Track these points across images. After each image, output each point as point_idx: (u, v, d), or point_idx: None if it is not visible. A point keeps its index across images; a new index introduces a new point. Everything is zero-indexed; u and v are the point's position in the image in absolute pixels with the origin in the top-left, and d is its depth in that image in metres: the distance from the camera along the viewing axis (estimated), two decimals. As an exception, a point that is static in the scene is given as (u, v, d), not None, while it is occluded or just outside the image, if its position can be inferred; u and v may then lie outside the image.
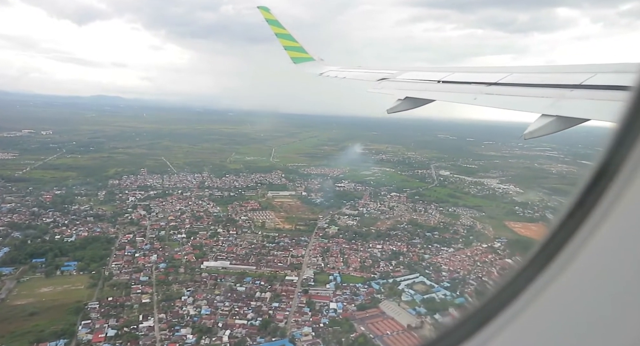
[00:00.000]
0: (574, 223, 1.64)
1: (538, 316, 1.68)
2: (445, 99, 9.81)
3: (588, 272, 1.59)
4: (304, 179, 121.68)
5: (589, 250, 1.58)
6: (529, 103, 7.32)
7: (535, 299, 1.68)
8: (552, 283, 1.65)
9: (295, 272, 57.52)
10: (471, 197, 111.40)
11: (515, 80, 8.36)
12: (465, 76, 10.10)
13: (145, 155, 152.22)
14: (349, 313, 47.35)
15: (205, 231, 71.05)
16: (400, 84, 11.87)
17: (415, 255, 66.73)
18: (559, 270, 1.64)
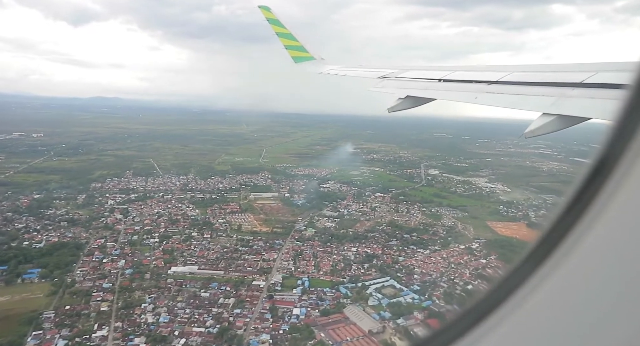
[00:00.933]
0: (567, 222, 1.64)
1: (530, 316, 1.69)
2: (447, 98, 9.83)
3: (580, 272, 1.61)
4: (289, 180, 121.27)
5: (582, 249, 1.60)
6: (530, 101, 7.34)
7: (527, 299, 1.68)
8: (543, 283, 1.65)
9: (263, 277, 57.04)
10: (457, 197, 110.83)
11: (516, 78, 8.38)
12: (466, 75, 10.11)
13: (134, 157, 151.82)
14: (311, 319, 46.88)
15: (179, 235, 70.63)
16: (401, 83, 11.88)
17: (389, 257, 66.23)
18: (551, 270, 1.64)
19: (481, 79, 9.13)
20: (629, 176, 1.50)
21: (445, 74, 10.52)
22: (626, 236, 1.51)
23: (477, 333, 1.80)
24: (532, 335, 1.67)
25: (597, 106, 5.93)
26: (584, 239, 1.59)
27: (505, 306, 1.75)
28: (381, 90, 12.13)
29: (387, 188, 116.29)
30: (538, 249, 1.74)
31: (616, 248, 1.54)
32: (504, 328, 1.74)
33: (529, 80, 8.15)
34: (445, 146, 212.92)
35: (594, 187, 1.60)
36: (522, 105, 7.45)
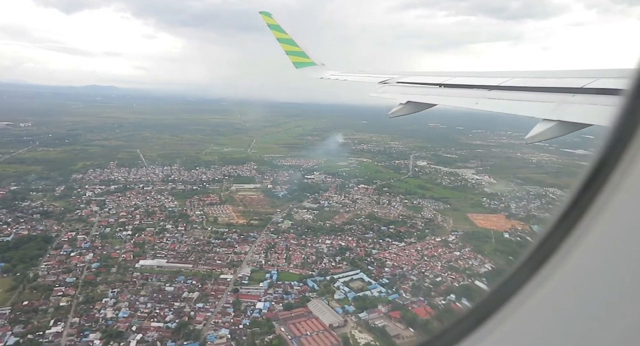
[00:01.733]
0: (566, 225, 1.68)
1: (529, 317, 1.72)
2: (447, 103, 10.01)
3: (579, 274, 1.64)
4: (275, 171, 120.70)
5: (581, 250, 1.63)
6: (531, 107, 7.36)
7: (526, 300, 1.72)
8: (543, 285, 1.69)
9: (232, 270, 56.77)
10: (441, 189, 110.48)
11: (517, 84, 8.43)
12: (466, 80, 10.16)
13: (121, 147, 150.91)
14: (273, 314, 46.68)
15: (153, 227, 70.22)
16: (401, 88, 11.99)
17: (363, 250, 66.02)
18: (550, 271, 1.68)
19: (482, 84, 9.21)
20: (626, 178, 1.51)
21: (445, 79, 10.55)
22: (624, 238, 1.52)
23: (478, 334, 1.81)
24: (532, 335, 1.69)
25: (598, 112, 5.84)
26: (583, 241, 1.60)
27: (505, 307, 1.76)
28: (382, 95, 12.31)
29: (372, 180, 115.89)
30: (537, 251, 1.75)
31: (614, 250, 1.55)
32: (505, 328, 1.75)
33: (529, 85, 8.18)
34: (437, 137, 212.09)
35: (592, 190, 1.61)
36: (522, 111, 7.50)
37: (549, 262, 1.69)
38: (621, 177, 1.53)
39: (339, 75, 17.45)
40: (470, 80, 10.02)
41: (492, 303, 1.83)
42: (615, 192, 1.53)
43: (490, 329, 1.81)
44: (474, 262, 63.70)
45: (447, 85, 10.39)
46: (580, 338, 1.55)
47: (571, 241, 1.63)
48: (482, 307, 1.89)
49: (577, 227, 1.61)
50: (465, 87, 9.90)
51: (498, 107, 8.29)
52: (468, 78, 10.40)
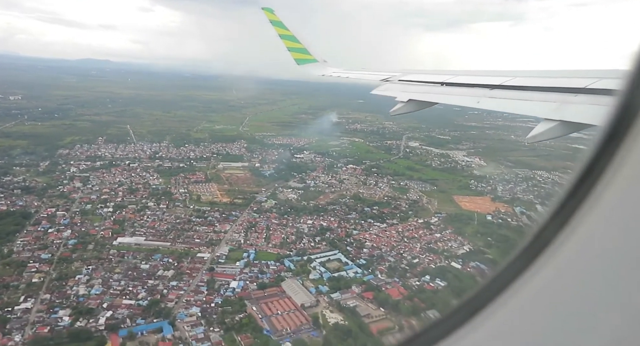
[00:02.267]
0: (555, 224, 1.70)
1: (522, 310, 1.76)
2: (449, 102, 10.23)
3: (571, 268, 1.66)
4: (264, 150, 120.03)
5: (574, 245, 1.65)
6: (533, 107, 7.43)
7: (513, 298, 1.74)
8: (535, 278, 1.71)
9: (210, 249, 56.90)
10: (430, 170, 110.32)
11: (518, 83, 8.49)
12: (468, 79, 10.21)
13: (111, 122, 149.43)
14: (246, 293, 46.98)
15: (135, 205, 70.02)
16: (403, 86, 12.03)
17: (343, 231, 66.18)
18: (542, 265, 1.71)
19: (483, 83, 9.23)
20: (619, 174, 1.54)
21: (447, 78, 10.66)
22: (616, 233, 1.54)
23: (469, 327, 1.81)
24: (524, 327, 1.72)
25: (600, 113, 6.12)
26: (575, 235, 1.63)
27: (499, 299, 1.77)
28: (383, 93, 12.39)
29: (362, 160, 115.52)
30: (530, 245, 1.76)
31: (606, 244, 1.57)
32: (498, 320, 1.76)
33: (531, 85, 8.21)
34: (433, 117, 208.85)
35: (585, 185, 1.63)
36: (524, 110, 7.63)
37: (541, 256, 1.69)
38: (614, 173, 1.54)
39: (341, 72, 17.67)
40: (471, 79, 10.01)
41: (485, 295, 1.81)
42: (608, 188, 1.55)
43: (482, 321, 1.79)
44: (453, 244, 63.99)
45: (449, 83, 10.45)
46: (574, 331, 1.57)
47: (564, 235, 1.65)
48: (474, 299, 1.87)
49: (570, 221, 1.62)
50: (466, 86, 9.92)
51: (499, 106, 8.38)
52: (470, 77, 10.40)
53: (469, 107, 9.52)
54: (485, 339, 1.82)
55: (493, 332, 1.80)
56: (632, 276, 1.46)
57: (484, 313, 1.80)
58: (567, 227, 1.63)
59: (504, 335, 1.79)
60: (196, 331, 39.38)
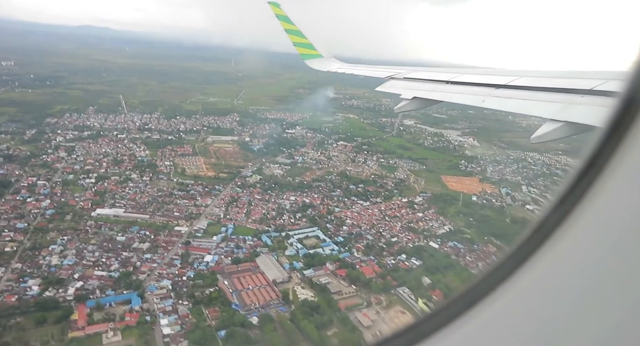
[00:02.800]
0: (558, 216, 1.71)
1: (518, 304, 1.77)
2: (453, 100, 10.29)
3: (566, 266, 1.69)
4: (256, 124, 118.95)
5: (571, 241, 1.67)
6: (538, 107, 7.38)
7: (513, 289, 1.76)
8: (530, 274, 1.73)
9: (188, 223, 57.00)
10: (422, 149, 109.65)
11: (524, 83, 8.48)
12: (473, 78, 10.19)
13: (104, 92, 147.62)
14: (219, 267, 47.28)
15: (119, 176, 69.83)
16: (408, 83, 12.07)
17: (325, 208, 66.15)
18: (537, 263, 1.73)
19: (489, 82, 9.23)
20: (618, 173, 1.55)
21: (452, 76, 10.62)
22: (611, 233, 1.55)
23: (462, 320, 1.83)
24: (519, 320, 1.73)
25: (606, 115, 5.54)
26: (573, 232, 1.65)
27: (490, 296, 1.79)
28: (388, 90, 12.46)
29: (354, 137, 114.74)
30: (527, 241, 1.77)
31: (603, 241, 1.59)
32: (491, 313, 1.78)
33: (537, 85, 8.18)
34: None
35: (582, 185, 1.64)
36: (529, 111, 7.61)
37: (540, 250, 1.71)
38: (613, 172, 1.56)
39: (346, 68, 17.76)
40: (477, 78, 9.97)
41: (483, 287, 1.82)
42: (606, 185, 1.57)
43: (478, 313, 1.81)
44: (434, 224, 64.10)
45: (454, 82, 10.42)
46: (572, 325, 1.59)
47: (562, 230, 1.66)
48: (472, 291, 1.87)
49: (569, 217, 1.64)
50: (472, 84, 9.87)
51: (505, 105, 8.33)
52: (475, 75, 10.35)
53: (473, 106, 9.51)
54: (479, 331, 1.80)
55: (488, 324, 1.78)
56: (631, 272, 1.48)
57: (481, 305, 1.79)
58: (565, 222, 1.64)
59: (500, 326, 1.79)
60: (165, 304, 39.83)
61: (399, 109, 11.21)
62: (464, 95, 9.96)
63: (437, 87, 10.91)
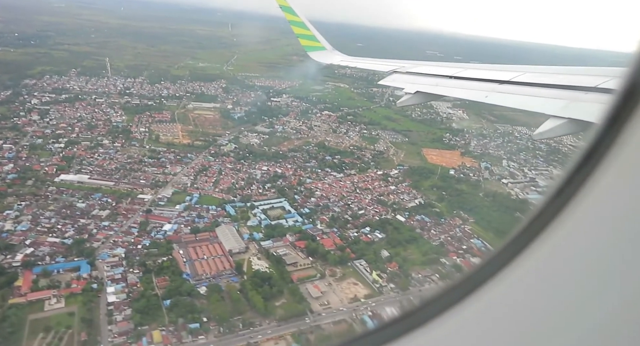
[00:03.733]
0: (554, 208, 1.72)
1: (513, 294, 1.79)
2: (457, 95, 10.37)
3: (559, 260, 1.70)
4: (242, 91, 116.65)
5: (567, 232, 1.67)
6: (542, 104, 7.39)
7: (508, 279, 1.78)
8: (523, 265, 1.74)
9: (154, 191, 56.55)
10: (409, 121, 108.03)
11: (528, 79, 8.42)
12: (477, 73, 10.20)
13: (90, 54, 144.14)
14: (177, 236, 47.13)
15: (89, 142, 68.88)
16: (411, 78, 12.05)
17: (297, 179, 65.47)
18: (528, 257, 1.74)
19: (493, 77, 9.20)
20: (611, 169, 1.55)
21: (456, 71, 10.58)
22: (605, 228, 1.56)
23: (454, 311, 1.83)
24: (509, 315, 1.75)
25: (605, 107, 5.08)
26: (561, 231, 1.65)
27: (484, 286, 1.79)
28: (392, 83, 12.59)
29: (340, 107, 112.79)
30: (521, 233, 1.76)
31: (593, 240, 1.60)
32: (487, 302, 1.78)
33: (541, 81, 8.18)
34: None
35: (577, 180, 1.64)
36: (533, 107, 7.54)
37: (531, 246, 1.71)
38: (609, 165, 1.56)
39: (349, 61, 17.76)
40: (481, 74, 10.00)
41: (474, 280, 1.83)
42: (600, 181, 1.57)
43: (470, 304, 1.82)
44: (405, 197, 63.63)
45: (458, 77, 10.35)
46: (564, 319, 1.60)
47: (556, 223, 1.66)
48: (462, 284, 1.89)
49: (562, 212, 1.64)
50: (476, 80, 9.84)
51: (508, 101, 8.32)
52: (479, 71, 10.37)
53: (477, 101, 9.40)
54: (472, 321, 1.81)
55: (481, 314, 1.79)
56: (626, 264, 1.51)
57: (474, 296, 1.80)
58: (561, 215, 1.64)
59: (493, 317, 1.80)
60: (114, 272, 39.89)
61: (402, 103, 11.17)
62: (467, 90, 9.86)
63: (440, 81, 10.86)
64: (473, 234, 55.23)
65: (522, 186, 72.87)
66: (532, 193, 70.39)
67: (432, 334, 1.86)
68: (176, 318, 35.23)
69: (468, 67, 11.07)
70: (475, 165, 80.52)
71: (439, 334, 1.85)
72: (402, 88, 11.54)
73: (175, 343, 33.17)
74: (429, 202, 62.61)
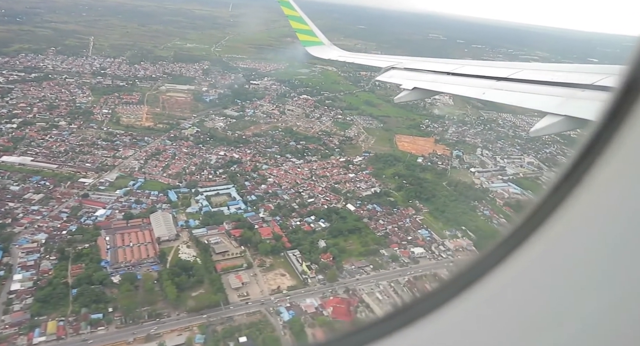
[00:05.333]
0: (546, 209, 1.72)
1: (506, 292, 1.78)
2: (454, 92, 10.37)
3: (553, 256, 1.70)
4: (222, 74, 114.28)
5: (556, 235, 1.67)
6: (538, 101, 7.46)
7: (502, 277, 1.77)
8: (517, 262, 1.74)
9: (98, 175, 55.32)
10: (390, 106, 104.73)
11: (526, 76, 8.48)
12: (475, 69, 10.17)
13: (75, 32, 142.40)
14: (107, 222, 45.95)
15: (46, 123, 67.61)
16: (409, 74, 12.03)
17: (252, 165, 63.78)
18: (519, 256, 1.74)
19: (490, 74, 9.25)
20: (609, 165, 1.54)
21: (454, 68, 10.58)
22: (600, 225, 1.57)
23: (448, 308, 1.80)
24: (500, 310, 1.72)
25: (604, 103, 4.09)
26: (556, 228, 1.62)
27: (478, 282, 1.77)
28: (389, 79, 12.58)
29: (321, 91, 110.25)
30: (519, 227, 1.74)
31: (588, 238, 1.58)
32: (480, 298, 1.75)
33: (538, 79, 8.24)
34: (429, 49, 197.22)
35: (572, 179, 1.63)
36: (529, 104, 7.67)
37: (528, 241, 1.68)
38: (606, 162, 1.54)
39: (347, 56, 17.67)
40: (479, 70, 9.96)
41: (470, 275, 1.80)
42: (598, 178, 1.55)
43: (464, 300, 1.78)
44: (362, 185, 61.80)
45: (456, 74, 10.35)
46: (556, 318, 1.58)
47: (553, 220, 1.64)
48: (458, 280, 1.85)
49: (562, 207, 1.61)
50: (473, 76, 9.83)
51: (505, 98, 8.33)
52: (477, 67, 10.33)
53: (474, 98, 9.66)
54: (467, 316, 1.79)
55: (476, 310, 1.77)
56: (623, 260, 1.51)
57: (470, 291, 1.78)
58: (557, 212, 1.62)
59: (488, 313, 1.77)
60: (28, 259, 38.83)
61: (399, 99, 11.06)
62: (464, 86, 9.90)
63: (438, 78, 10.82)
64: (423, 224, 53.51)
65: (489, 175, 70.58)
66: (497, 182, 68.23)
67: (424, 331, 1.81)
68: (80, 307, 34.20)
69: (465, 64, 10.95)
70: (447, 153, 78.17)
71: (431, 331, 1.81)
72: (399, 84, 11.51)
73: (71, 334, 32.18)
74: (386, 191, 60.72)
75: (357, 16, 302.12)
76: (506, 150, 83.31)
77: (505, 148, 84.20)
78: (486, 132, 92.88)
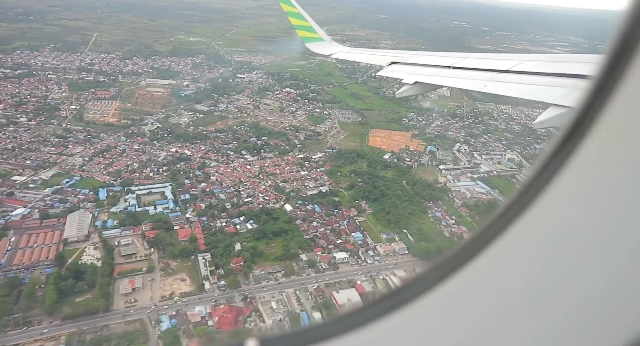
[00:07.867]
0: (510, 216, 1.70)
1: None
2: (455, 85, 10.47)
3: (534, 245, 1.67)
4: (211, 67, 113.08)
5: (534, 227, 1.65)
6: (541, 92, 7.39)
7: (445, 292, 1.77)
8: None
9: (34, 172, 55.09)
10: (378, 99, 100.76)
11: (527, 68, 8.50)
12: (476, 62, 10.19)
13: (81, 29, 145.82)
14: (20, 222, 45.26)
15: (7, 119, 68.42)
16: (410, 68, 12.00)
17: (200, 162, 61.94)
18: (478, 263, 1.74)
19: (491, 67, 9.26)
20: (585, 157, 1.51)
21: (455, 61, 10.60)
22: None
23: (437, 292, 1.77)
24: None
25: None
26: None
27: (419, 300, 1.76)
28: (390, 74, 12.42)
29: (309, 84, 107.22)
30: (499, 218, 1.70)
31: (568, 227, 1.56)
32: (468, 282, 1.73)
33: (540, 70, 8.28)
34: (448, 38, 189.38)
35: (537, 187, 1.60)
36: (532, 95, 7.54)
37: (500, 236, 1.65)
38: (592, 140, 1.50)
39: (347, 53, 17.49)
40: (480, 63, 9.95)
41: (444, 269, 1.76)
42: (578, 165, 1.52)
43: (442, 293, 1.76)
44: (310, 184, 58.69)
45: (457, 67, 10.34)
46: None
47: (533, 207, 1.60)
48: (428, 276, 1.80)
49: (547, 188, 1.58)
50: (475, 69, 9.81)
51: (507, 90, 8.35)
52: (478, 60, 10.30)
53: (476, 91, 9.69)
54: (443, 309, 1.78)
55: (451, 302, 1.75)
56: (605, 246, 1.50)
57: (454, 276, 1.74)
58: (542, 194, 1.57)
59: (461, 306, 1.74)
60: None
61: (400, 94, 11.06)
62: (466, 80, 9.87)
63: (439, 71, 10.68)
64: (360, 227, 49.97)
65: (458, 173, 65.52)
66: (465, 180, 63.20)
67: (414, 312, 1.79)
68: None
69: (467, 57, 10.84)
70: (421, 148, 73.42)
71: (421, 312, 1.79)
72: (401, 79, 11.32)
73: None
74: (334, 190, 57.37)
75: (381, 5, 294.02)
76: (489, 146, 77.46)
77: (488, 144, 78.33)
78: (473, 126, 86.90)
